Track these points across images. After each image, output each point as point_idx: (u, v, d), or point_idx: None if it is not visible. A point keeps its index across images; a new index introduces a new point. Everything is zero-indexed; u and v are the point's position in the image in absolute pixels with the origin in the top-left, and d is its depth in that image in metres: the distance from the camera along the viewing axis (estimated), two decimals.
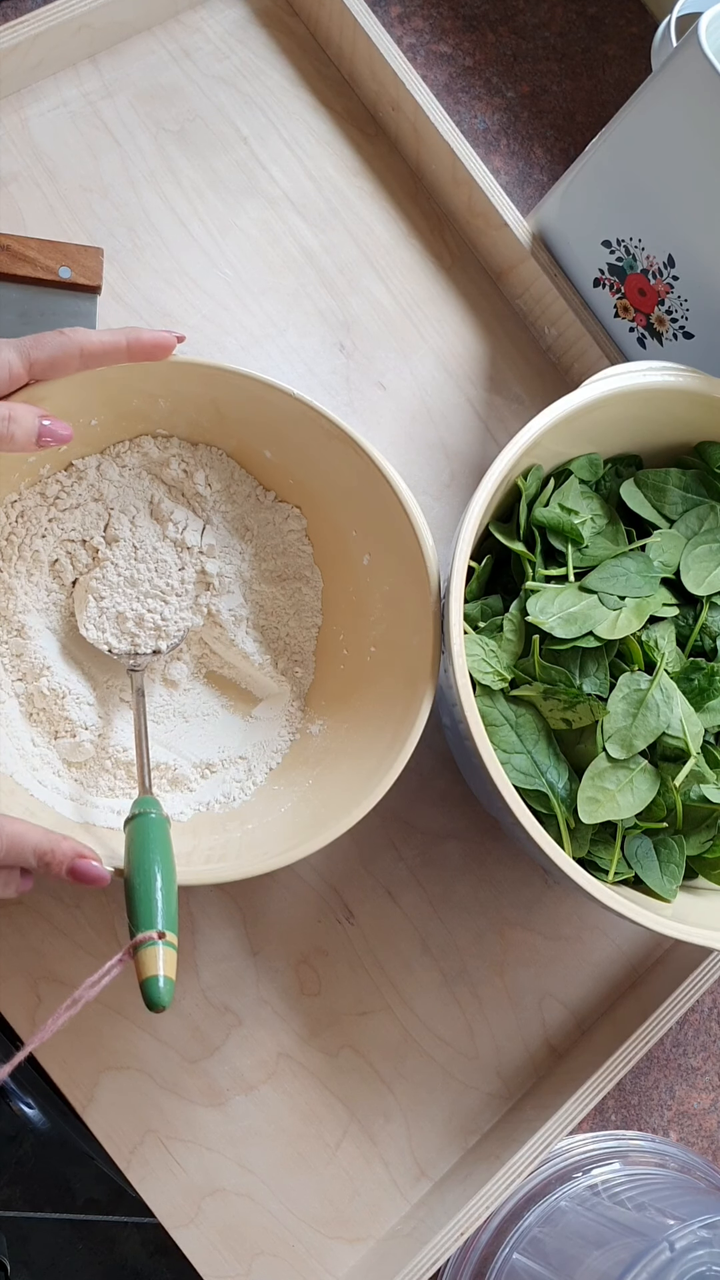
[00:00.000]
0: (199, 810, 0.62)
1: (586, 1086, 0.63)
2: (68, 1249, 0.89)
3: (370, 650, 0.64)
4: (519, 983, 0.68)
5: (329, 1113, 0.64)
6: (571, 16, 0.87)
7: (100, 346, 0.56)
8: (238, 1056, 0.64)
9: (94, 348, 0.56)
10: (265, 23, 0.78)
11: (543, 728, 0.60)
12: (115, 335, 0.57)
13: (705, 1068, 0.72)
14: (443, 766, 0.70)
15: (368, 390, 0.74)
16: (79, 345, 0.56)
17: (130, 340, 0.57)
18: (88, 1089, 0.62)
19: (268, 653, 0.66)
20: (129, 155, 0.74)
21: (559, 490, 0.65)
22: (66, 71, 0.74)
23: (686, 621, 0.65)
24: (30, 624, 0.62)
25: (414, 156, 0.78)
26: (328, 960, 0.66)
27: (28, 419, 0.55)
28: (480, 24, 0.85)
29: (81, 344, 0.56)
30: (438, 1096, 0.66)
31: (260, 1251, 0.62)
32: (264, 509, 0.67)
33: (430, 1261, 0.59)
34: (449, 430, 0.75)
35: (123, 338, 0.57)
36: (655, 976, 0.70)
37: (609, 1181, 0.63)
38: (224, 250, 0.74)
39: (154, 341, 0.58)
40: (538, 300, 0.77)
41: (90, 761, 0.62)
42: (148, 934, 0.49)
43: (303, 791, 0.61)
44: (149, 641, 0.63)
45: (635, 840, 0.61)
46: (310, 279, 0.75)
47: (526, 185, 0.83)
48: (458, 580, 0.58)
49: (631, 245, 0.70)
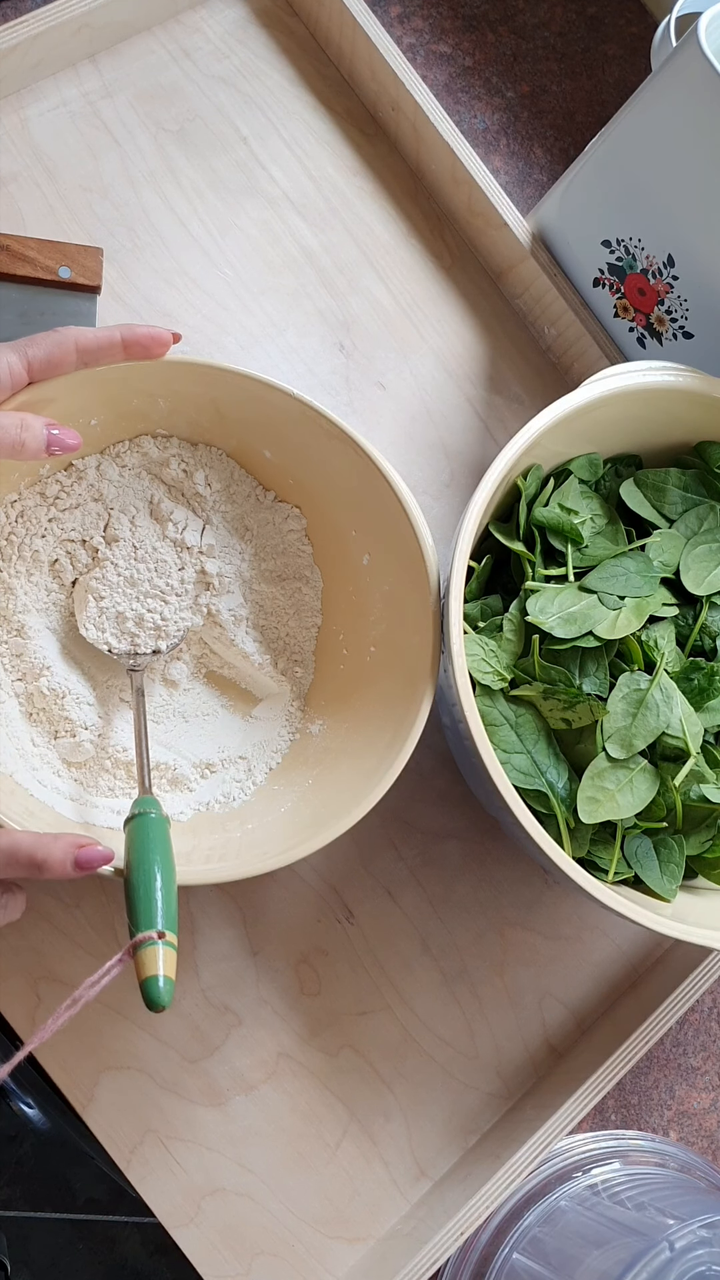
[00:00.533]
0: (199, 810, 0.62)
1: (586, 1086, 0.63)
2: (68, 1249, 0.89)
3: (370, 650, 0.64)
4: (519, 982, 0.68)
5: (329, 1112, 0.64)
6: (571, 16, 0.87)
7: (95, 342, 0.57)
8: (238, 1056, 0.64)
9: (89, 343, 0.57)
10: (265, 23, 0.79)
11: (542, 727, 0.60)
12: (110, 331, 0.57)
13: (705, 1067, 0.72)
14: (442, 766, 0.70)
15: (367, 390, 0.74)
16: (74, 341, 0.56)
17: (125, 335, 0.57)
18: (88, 1089, 0.62)
19: (267, 652, 0.66)
20: (128, 155, 0.74)
21: (559, 490, 0.65)
22: (66, 71, 0.74)
23: (686, 621, 0.65)
24: (30, 624, 0.62)
25: (414, 156, 0.78)
26: (327, 960, 0.66)
27: (38, 428, 0.55)
28: (480, 24, 0.85)
29: (76, 340, 0.56)
30: (438, 1096, 0.66)
31: (260, 1251, 0.62)
32: (264, 509, 0.67)
33: (430, 1261, 0.59)
34: (449, 430, 0.75)
35: (117, 333, 0.57)
36: (655, 976, 0.70)
37: (609, 1181, 0.63)
38: (224, 250, 0.74)
39: (149, 335, 0.58)
40: (537, 300, 0.77)
41: (90, 761, 0.62)
42: (147, 934, 0.49)
43: (302, 791, 0.61)
44: (149, 641, 0.63)
45: (635, 840, 0.61)
46: (310, 279, 0.75)
47: (526, 185, 0.83)
48: (457, 580, 0.58)
49: (631, 245, 0.70)
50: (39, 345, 0.56)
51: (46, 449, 0.56)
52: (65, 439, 0.56)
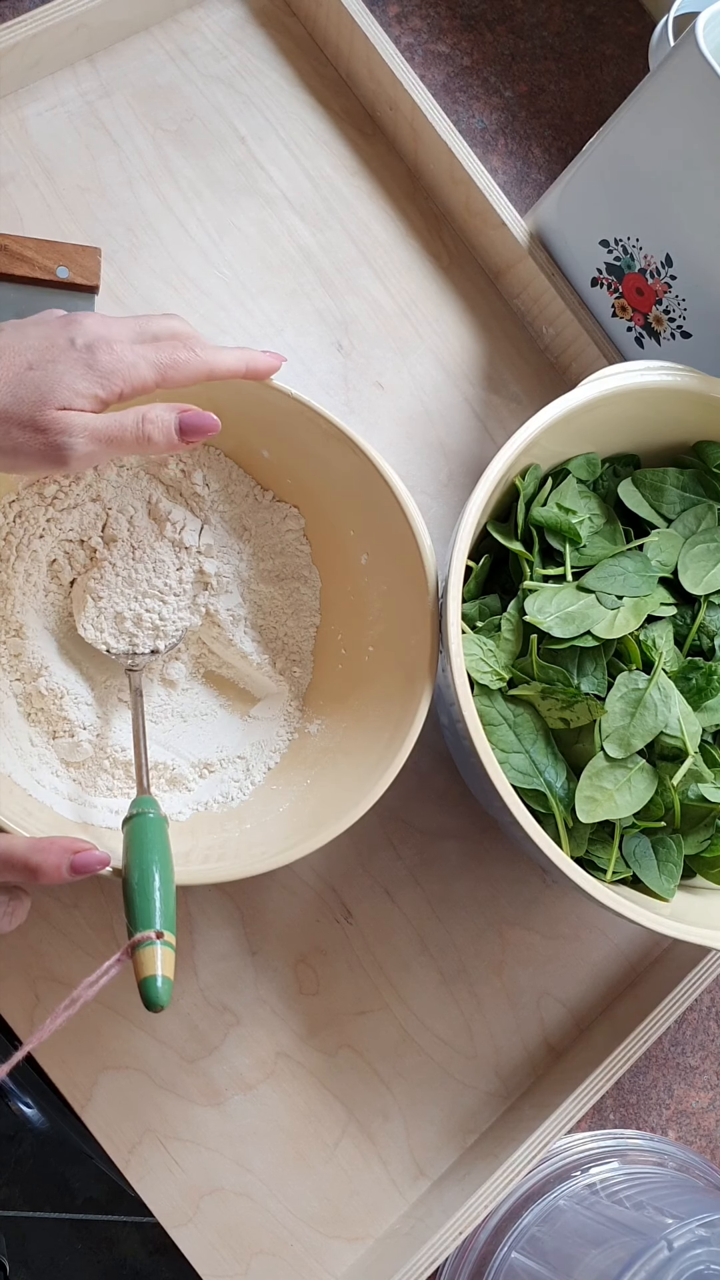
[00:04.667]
0: (197, 810, 0.62)
1: (585, 1085, 0.63)
2: (67, 1248, 0.89)
3: (368, 649, 0.64)
4: (517, 982, 0.68)
5: (327, 1112, 0.64)
6: (569, 16, 0.87)
7: (227, 371, 0.57)
8: (236, 1056, 0.64)
9: (221, 372, 0.57)
10: (263, 22, 0.78)
11: (541, 727, 0.60)
12: (237, 361, 0.57)
13: (703, 1067, 0.72)
14: (441, 766, 0.70)
15: (365, 390, 0.74)
16: (209, 369, 0.56)
17: (249, 365, 0.58)
18: (86, 1088, 0.62)
19: (266, 652, 0.66)
20: (126, 155, 0.74)
21: (557, 490, 0.65)
22: (64, 71, 0.74)
23: (684, 621, 0.65)
24: (28, 624, 0.62)
25: (412, 156, 0.78)
26: (326, 960, 0.66)
27: (165, 418, 0.54)
28: (478, 23, 0.85)
29: (212, 368, 0.56)
30: (436, 1096, 0.66)
31: (259, 1250, 0.62)
32: (262, 508, 0.67)
33: (429, 1260, 0.59)
34: (447, 430, 0.75)
35: (243, 364, 0.57)
36: (653, 975, 0.70)
37: (607, 1180, 0.63)
38: (222, 250, 0.74)
39: (267, 366, 0.59)
40: (535, 299, 0.77)
41: (88, 761, 0.62)
42: (146, 934, 0.49)
43: (301, 791, 0.61)
44: (147, 641, 0.63)
45: (633, 839, 0.61)
46: (308, 278, 0.75)
47: (524, 184, 0.83)
48: (455, 579, 0.58)
49: (629, 244, 0.70)
50: (180, 370, 0.55)
51: (181, 437, 0.55)
52: (200, 421, 0.55)
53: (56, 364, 0.52)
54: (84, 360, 0.52)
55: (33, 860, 0.51)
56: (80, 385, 0.52)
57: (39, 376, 0.52)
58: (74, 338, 0.53)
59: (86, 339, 0.53)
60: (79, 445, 0.52)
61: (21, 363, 0.52)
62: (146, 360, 0.54)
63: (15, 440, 0.51)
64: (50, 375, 0.52)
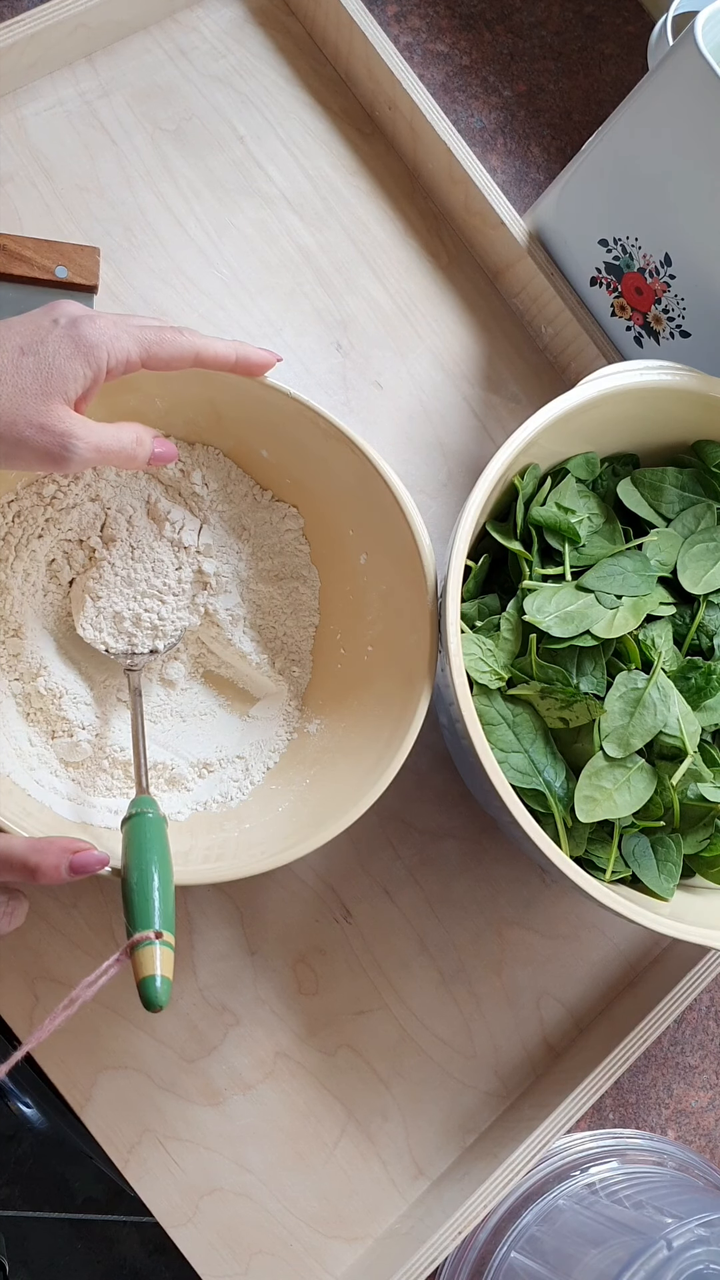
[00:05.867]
0: (196, 810, 0.62)
1: (584, 1085, 0.63)
2: (66, 1248, 0.89)
3: (367, 649, 0.64)
4: (517, 981, 0.68)
5: (327, 1112, 0.64)
6: (568, 15, 0.87)
7: (214, 357, 0.58)
8: (235, 1056, 0.64)
9: (208, 357, 0.57)
10: (262, 22, 0.78)
11: (540, 726, 0.60)
12: (228, 348, 0.58)
13: (703, 1066, 0.72)
14: (440, 765, 0.70)
15: (364, 389, 0.74)
16: (196, 350, 0.57)
17: (240, 356, 0.59)
18: (86, 1088, 0.62)
19: (265, 652, 0.66)
20: (125, 155, 0.74)
21: (556, 489, 0.65)
22: (63, 71, 0.74)
23: (683, 620, 0.65)
24: (27, 624, 0.62)
25: (411, 155, 0.78)
26: (325, 959, 0.66)
27: (149, 443, 0.57)
28: (477, 23, 0.85)
29: (199, 350, 0.57)
30: (435, 1095, 0.66)
31: (258, 1250, 0.62)
32: (261, 508, 0.67)
33: (428, 1260, 0.59)
34: (446, 429, 0.75)
35: (233, 353, 0.58)
36: (653, 975, 0.70)
37: (607, 1180, 0.63)
38: (220, 249, 0.74)
39: (259, 361, 0.59)
40: (534, 299, 0.77)
41: (87, 761, 0.62)
42: (145, 934, 0.49)
43: (300, 791, 0.61)
44: (146, 641, 0.63)
45: (632, 839, 0.61)
46: (307, 278, 0.75)
47: (523, 184, 0.83)
48: (455, 579, 0.58)
49: (628, 244, 0.70)
50: (165, 346, 0.56)
51: (149, 461, 0.58)
52: (165, 453, 0.58)
53: (45, 344, 0.53)
54: (69, 335, 0.53)
55: (31, 860, 0.51)
56: (72, 368, 0.53)
57: (34, 363, 0.52)
58: (56, 318, 0.54)
59: (69, 317, 0.54)
60: (81, 450, 0.53)
61: (13, 347, 0.53)
62: (129, 334, 0.55)
63: (22, 434, 0.52)
64: (44, 360, 0.52)
